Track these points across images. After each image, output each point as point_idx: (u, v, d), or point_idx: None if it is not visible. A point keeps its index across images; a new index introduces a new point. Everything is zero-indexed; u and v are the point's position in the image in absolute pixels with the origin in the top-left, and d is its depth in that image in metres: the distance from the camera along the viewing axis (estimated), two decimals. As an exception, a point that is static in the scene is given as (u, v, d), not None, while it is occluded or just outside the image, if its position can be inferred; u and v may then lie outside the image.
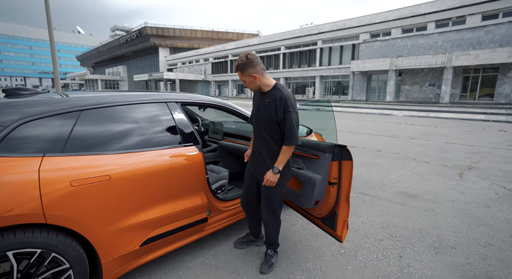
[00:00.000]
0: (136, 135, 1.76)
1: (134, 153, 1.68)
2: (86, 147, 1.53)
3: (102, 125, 1.64)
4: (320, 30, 26.37)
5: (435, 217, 2.78)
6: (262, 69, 1.71)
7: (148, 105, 1.90)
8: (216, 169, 2.68)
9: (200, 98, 2.29)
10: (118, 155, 1.61)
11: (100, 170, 1.51)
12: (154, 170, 1.72)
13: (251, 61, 1.65)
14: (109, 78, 59.17)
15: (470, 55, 17.34)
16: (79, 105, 1.59)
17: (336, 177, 1.84)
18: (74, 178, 1.40)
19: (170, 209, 1.82)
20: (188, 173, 1.91)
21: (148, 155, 1.73)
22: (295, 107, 1.64)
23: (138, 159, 1.68)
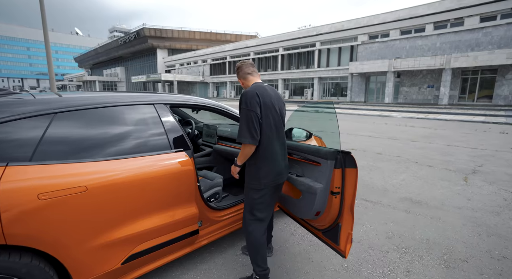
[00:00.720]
0: (118, 141, 1.59)
1: (116, 160, 1.51)
2: (59, 154, 1.36)
3: (79, 129, 1.47)
4: (318, 31, 26.30)
5: (443, 225, 2.62)
6: (245, 74, 1.78)
7: (133, 108, 1.73)
8: (210, 175, 2.51)
9: (191, 100, 2.13)
10: (97, 162, 1.44)
11: (75, 180, 1.34)
12: (138, 179, 1.55)
13: (237, 67, 1.81)
14: (107, 79, 58.87)
15: (469, 57, 17.29)
16: (52, 108, 1.42)
17: (339, 186, 1.68)
18: (42, 190, 1.23)
19: (156, 221, 1.65)
20: (177, 181, 1.74)
21: (131, 162, 1.57)
22: (248, 105, 1.56)
23: (120, 167, 1.51)
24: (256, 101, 1.56)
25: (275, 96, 1.71)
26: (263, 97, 1.59)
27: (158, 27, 45.13)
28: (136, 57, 53.18)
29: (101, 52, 59.85)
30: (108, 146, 1.52)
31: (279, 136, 1.70)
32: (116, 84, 58.61)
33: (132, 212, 1.54)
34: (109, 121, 1.60)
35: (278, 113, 1.70)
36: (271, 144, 1.64)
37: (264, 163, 1.64)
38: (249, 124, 1.55)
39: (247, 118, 1.55)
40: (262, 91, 1.62)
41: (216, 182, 2.37)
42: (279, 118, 1.70)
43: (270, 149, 1.64)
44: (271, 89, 1.73)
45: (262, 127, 1.60)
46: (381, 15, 22.01)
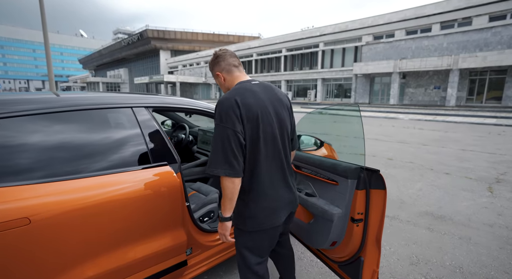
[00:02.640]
0: (82, 155, 1.25)
1: (75, 180, 1.18)
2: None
3: (27, 140, 1.13)
4: (322, 32, 25.94)
5: (475, 248, 2.25)
6: (229, 65, 1.24)
7: (104, 112, 1.39)
8: (204, 189, 2.17)
9: (180, 102, 1.78)
10: (47, 184, 1.10)
11: (13, 209, 1.00)
12: (104, 204, 1.21)
13: (216, 56, 1.25)
14: (111, 81, 59.00)
15: (478, 57, 16.82)
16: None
17: (362, 212, 1.32)
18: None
19: (129, 256, 1.31)
20: (159, 203, 1.40)
21: (96, 181, 1.23)
22: (223, 119, 1.07)
23: (80, 190, 1.17)
24: (235, 114, 1.06)
25: (272, 98, 1.19)
26: (247, 105, 1.08)
27: (161, 29, 45.11)
28: (139, 58, 53.22)
29: (105, 54, 60.04)
30: (63, 161, 1.18)
31: (279, 155, 1.19)
32: (120, 86, 58.71)
33: (95, 247, 1.20)
34: (68, 129, 1.26)
35: (275, 122, 1.16)
36: (262, 168, 1.14)
37: (252, 196, 1.15)
38: (225, 148, 1.05)
39: (222, 139, 1.06)
40: (247, 95, 1.11)
41: (211, 197, 2.02)
42: (281, 129, 1.19)
43: (262, 176, 1.14)
44: (264, 88, 1.20)
45: (248, 148, 1.11)
46: (386, 15, 21.60)
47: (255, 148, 1.12)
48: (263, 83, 1.24)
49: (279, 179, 1.20)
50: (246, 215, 1.18)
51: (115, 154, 1.35)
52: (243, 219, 1.19)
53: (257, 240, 1.23)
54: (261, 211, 1.17)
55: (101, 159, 1.30)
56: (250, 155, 1.12)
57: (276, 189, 1.19)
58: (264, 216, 1.18)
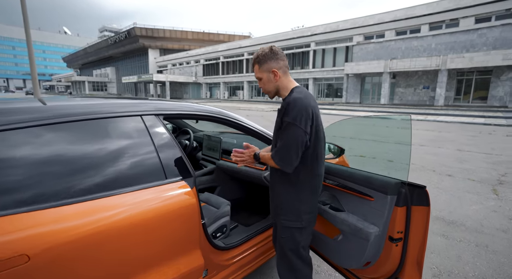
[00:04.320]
0: (84, 175, 1.07)
1: (77, 203, 1.00)
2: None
3: (15, 159, 0.95)
4: (313, 32, 26.02)
5: (495, 257, 2.18)
6: (286, 67, 1.29)
7: (109, 122, 1.22)
8: (215, 201, 2.01)
9: (192, 108, 1.61)
10: (46, 211, 0.93)
11: (8, 244, 0.83)
12: (116, 230, 1.04)
13: (275, 53, 1.24)
14: (97, 80, 57.43)
15: (465, 58, 17.24)
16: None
17: (401, 230, 1.21)
18: None
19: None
20: (176, 225, 1.24)
21: (104, 204, 1.05)
22: (300, 121, 1.13)
23: (85, 215, 0.99)
24: (308, 116, 1.15)
25: None
26: (315, 108, 1.20)
27: (149, 27, 44.20)
28: (127, 57, 52.00)
29: (91, 52, 58.35)
30: (62, 183, 1.00)
31: (323, 158, 1.34)
32: (107, 85, 57.23)
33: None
34: (65, 144, 1.08)
35: (323, 128, 1.32)
36: (317, 170, 1.28)
37: (309, 194, 1.29)
38: (298, 149, 1.17)
39: (297, 140, 1.15)
40: (311, 98, 1.22)
41: (223, 211, 1.87)
42: (324, 135, 1.33)
43: (316, 176, 1.29)
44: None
45: (311, 150, 1.22)
46: (377, 15, 21.86)
47: (317, 146, 1.24)
48: None
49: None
50: (302, 210, 1.28)
51: (123, 171, 1.18)
52: (300, 216, 1.28)
53: (308, 234, 1.36)
54: (315, 205, 1.33)
55: (107, 178, 1.12)
56: (313, 151, 1.23)
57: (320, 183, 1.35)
58: (316, 209, 1.35)
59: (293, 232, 1.30)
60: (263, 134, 1.87)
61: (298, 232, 1.30)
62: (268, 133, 1.89)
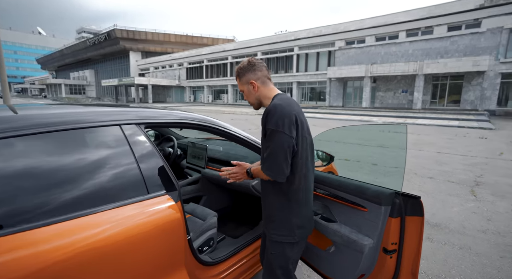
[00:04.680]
0: (60, 191, 0.97)
1: (54, 224, 0.90)
2: None
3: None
4: (297, 36, 26.43)
5: (478, 259, 2.23)
6: (265, 77, 1.26)
7: (86, 132, 1.12)
8: (200, 212, 1.92)
9: (176, 116, 1.52)
10: (16, 236, 0.81)
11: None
12: (96, 253, 0.94)
13: (252, 65, 1.24)
14: (75, 83, 55.19)
15: (439, 64, 18.11)
16: None
17: (396, 242, 1.18)
18: None
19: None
20: (157, 244, 1.15)
21: (82, 224, 0.95)
22: (284, 126, 1.09)
23: (60, 238, 0.89)
24: (291, 120, 1.11)
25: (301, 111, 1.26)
26: (298, 113, 1.15)
27: (130, 29, 43.14)
28: (107, 59, 50.40)
29: (68, 54, 56.06)
30: (35, 202, 0.89)
31: (313, 162, 1.30)
32: (85, 88, 55.12)
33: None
34: (42, 157, 0.98)
35: (311, 134, 1.27)
36: (309, 179, 1.24)
37: (300, 205, 1.22)
38: (287, 155, 1.11)
39: (283, 146, 1.10)
40: (293, 104, 1.18)
41: (210, 223, 1.78)
42: (312, 141, 1.28)
43: (308, 185, 1.24)
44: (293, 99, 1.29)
45: (299, 157, 1.17)
46: (357, 21, 22.54)
47: (304, 155, 1.18)
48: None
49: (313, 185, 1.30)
50: (294, 224, 1.21)
51: (100, 187, 1.07)
52: (293, 230, 1.21)
53: (299, 250, 1.28)
54: (309, 218, 1.25)
55: (83, 196, 1.02)
56: (301, 158, 1.17)
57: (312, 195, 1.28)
58: (310, 223, 1.27)
59: (285, 248, 1.23)
60: (250, 141, 1.81)
61: (290, 248, 1.23)
62: (255, 141, 1.84)
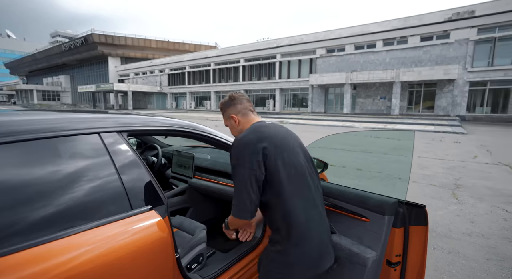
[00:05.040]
0: (30, 210, 0.83)
1: (23, 251, 0.76)
2: None
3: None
4: (279, 44, 26.87)
5: (468, 263, 2.25)
6: (246, 109, 1.25)
7: (61, 142, 0.99)
8: (188, 226, 1.78)
9: (161, 123, 1.40)
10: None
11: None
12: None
13: (232, 99, 1.26)
14: (48, 89, 52.55)
15: (414, 72, 19.04)
16: None
17: (399, 253, 1.13)
18: None
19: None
20: (143, 265, 1.02)
21: (55, 248, 0.82)
22: (241, 159, 1.04)
23: (29, 266, 0.75)
24: (255, 151, 1.02)
25: (285, 131, 1.20)
26: (265, 139, 1.06)
27: (109, 34, 42.00)
28: (84, 65, 48.57)
29: (41, 58, 53.45)
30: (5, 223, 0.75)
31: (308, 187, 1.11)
32: (60, 94, 52.62)
33: None
34: (9, 170, 0.84)
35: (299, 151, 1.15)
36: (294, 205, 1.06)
37: (295, 242, 1.05)
38: (249, 191, 1.02)
39: (244, 181, 1.02)
40: (263, 129, 1.10)
41: (199, 237, 1.66)
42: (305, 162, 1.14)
43: (295, 214, 1.05)
44: (275, 125, 1.22)
45: (278, 183, 1.05)
46: (337, 30, 23.31)
47: (283, 181, 1.05)
48: (280, 125, 1.25)
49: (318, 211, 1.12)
50: (289, 262, 1.07)
51: (77, 204, 0.94)
52: (290, 270, 1.07)
53: None
54: (308, 255, 1.07)
55: (55, 214, 0.88)
56: (275, 190, 1.05)
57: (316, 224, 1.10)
58: (315, 262, 1.09)
59: None
60: None
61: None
62: None
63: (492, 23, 17.83)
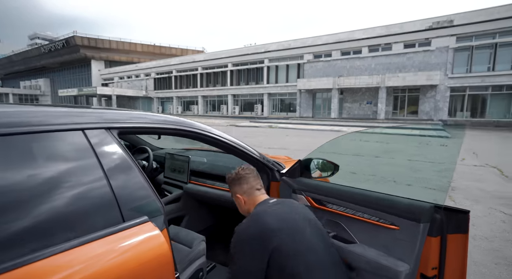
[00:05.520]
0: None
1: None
2: None
3: None
4: (267, 49, 27.02)
5: (477, 268, 2.17)
6: (251, 189, 1.20)
7: (33, 139, 0.79)
8: (184, 236, 1.58)
9: (154, 119, 1.21)
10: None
11: None
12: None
13: (238, 178, 1.22)
14: (26, 92, 50.29)
15: (399, 77, 19.60)
16: None
17: (436, 266, 1.00)
18: None
19: None
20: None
21: (28, 275, 0.62)
22: (237, 256, 1.00)
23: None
24: (253, 249, 0.97)
25: (296, 214, 1.09)
26: (270, 235, 0.97)
27: (92, 37, 40.91)
28: (65, 68, 46.92)
29: (18, 61, 51.23)
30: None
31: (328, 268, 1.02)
32: (38, 98, 50.46)
33: None
34: None
35: (316, 238, 1.05)
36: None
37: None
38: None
39: (235, 276, 1.00)
40: (268, 220, 1.01)
41: (198, 250, 1.47)
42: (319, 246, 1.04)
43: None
44: (286, 206, 1.12)
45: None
46: (323, 36, 23.73)
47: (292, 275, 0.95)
48: (283, 200, 1.20)
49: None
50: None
51: (53, 217, 0.75)
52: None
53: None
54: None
55: (26, 232, 0.69)
56: None
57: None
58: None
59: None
60: (241, 149, 1.56)
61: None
62: (246, 148, 1.59)
63: (470, 32, 18.71)
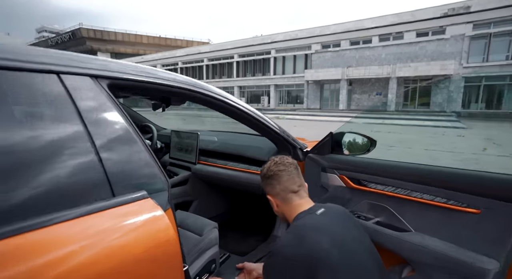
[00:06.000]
0: None
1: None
2: None
3: None
4: (273, 39, 26.45)
5: None
6: (287, 191, 0.93)
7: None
8: (192, 223, 1.36)
9: (153, 74, 0.97)
10: None
11: None
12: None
13: (269, 175, 0.95)
14: (34, 85, 50.85)
15: (411, 67, 18.95)
16: None
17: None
18: None
19: None
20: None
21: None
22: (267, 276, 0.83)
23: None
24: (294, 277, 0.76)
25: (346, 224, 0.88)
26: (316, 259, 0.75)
27: (98, 29, 40.84)
28: (72, 60, 47.11)
29: (26, 54, 51.61)
30: None
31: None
32: (46, 91, 50.98)
33: None
34: None
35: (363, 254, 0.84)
36: None
37: None
38: None
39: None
40: (315, 237, 0.79)
41: (210, 238, 1.24)
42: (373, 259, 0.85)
43: None
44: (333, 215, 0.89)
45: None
46: (332, 26, 23.06)
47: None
48: (330, 208, 0.91)
49: None
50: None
51: (21, 189, 0.52)
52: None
53: None
54: None
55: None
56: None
57: None
58: None
59: None
60: (260, 119, 1.33)
61: None
62: (267, 120, 1.37)
63: (488, 18, 17.84)
